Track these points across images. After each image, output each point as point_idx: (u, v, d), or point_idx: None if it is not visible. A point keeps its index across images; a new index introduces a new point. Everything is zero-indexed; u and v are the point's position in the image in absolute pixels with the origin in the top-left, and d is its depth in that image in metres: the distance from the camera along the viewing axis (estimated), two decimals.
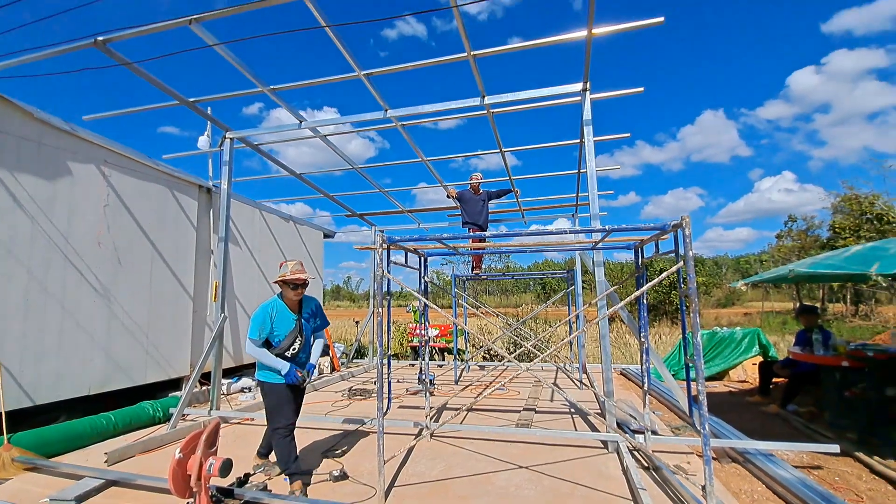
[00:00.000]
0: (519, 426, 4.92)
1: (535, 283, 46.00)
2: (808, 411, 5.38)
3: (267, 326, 3.38)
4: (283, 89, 5.35)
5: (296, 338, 3.49)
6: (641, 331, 4.32)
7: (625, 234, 4.30)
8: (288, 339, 3.45)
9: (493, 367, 9.75)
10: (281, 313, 3.45)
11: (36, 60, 4.22)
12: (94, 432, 4.43)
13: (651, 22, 4.19)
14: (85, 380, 5.15)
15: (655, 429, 4.44)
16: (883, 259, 3.77)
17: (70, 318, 5.02)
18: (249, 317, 7.81)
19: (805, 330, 5.79)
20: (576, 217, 9.76)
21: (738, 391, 7.05)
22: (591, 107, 4.76)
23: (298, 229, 9.77)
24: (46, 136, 4.89)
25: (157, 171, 6.21)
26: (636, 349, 12.41)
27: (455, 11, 3.86)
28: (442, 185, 8.28)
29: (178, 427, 4.78)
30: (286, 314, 3.47)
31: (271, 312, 3.41)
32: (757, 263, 40.86)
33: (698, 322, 2.88)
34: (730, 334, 8.13)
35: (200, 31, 4.13)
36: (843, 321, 20.00)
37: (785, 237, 27.45)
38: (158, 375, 6.07)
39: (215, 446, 3.13)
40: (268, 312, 3.40)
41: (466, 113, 5.74)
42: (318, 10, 3.93)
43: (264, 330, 3.37)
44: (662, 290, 23.72)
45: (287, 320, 3.46)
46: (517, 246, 5.80)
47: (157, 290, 6.13)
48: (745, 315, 26.93)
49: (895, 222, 17.94)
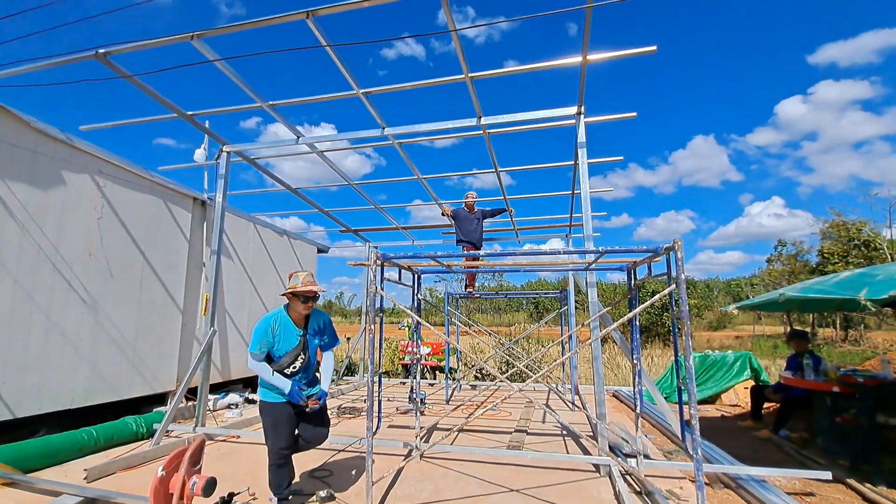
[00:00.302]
0: (510, 448, 4.85)
1: (528, 303, 46.00)
2: (800, 437, 5.37)
3: (269, 340, 3.13)
4: (282, 105, 5.40)
5: (297, 355, 3.22)
6: (634, 352, 4.31)
7: (618, 255, 4.33)
8: (289, 356, 3.19)
9: (484, 386, 9.66)
10: (284, 327, 3.20)
11: (37, 70, 4.25)
12: (75, 447, 4.31)
13: (644, 50, 4.31)
14: (68, 393, 5.03)
15: (648, 453, 4.40)
16: (871, 285, 3.82)
17: (56, 329, 4.93)
18: (239, 331, 7.79)
19: (796, 354, 5.81)
20: (569, 237, 9.83)
21: (731, 415, 7.02)
22: (585, 130, 4.84)
23: (292, 243, 9.74)
24: (42, 145, 4.88)
25: (152, 182, 6.20)
26: (628, 371, 12.37)
27: (454, 35, 3.95)
28: (437, 203, 8.32)
29: (161, 443, 4.66)
30: (290, 328, 3.21)
31: (273, 326, 3.16)
32: (748, 287, 41.20)
33: (690, 345, 2.89)
34: (721, 357, 8.14)
35: (202, 47, 4.18)
36: (833, 346, 20.12)
37: (775, 261, 27.81)
38: (143, 390, 5.95)
39: (199, 464, 3.05)
40: (269, 325, 3.15)
41: (463, 133, 5.81)
42: (319, 29, 3.99)
43: (265, 344, 3.13)
44: (654, 312, 23.81)
45: (290, 335, 3.20)
46: (511, 265, 5.82)
47: (147, 303, 6.04)
48: (737, 338, 27.02)
49: (882, 249, 18.23)
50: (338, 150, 6.95)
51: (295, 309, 3.21)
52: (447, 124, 5.35)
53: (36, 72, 4.30)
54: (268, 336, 3.13)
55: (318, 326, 3.37)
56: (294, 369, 3.22)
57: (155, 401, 6.16)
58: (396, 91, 5.22)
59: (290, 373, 3.21)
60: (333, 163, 6.84)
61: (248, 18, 3.95)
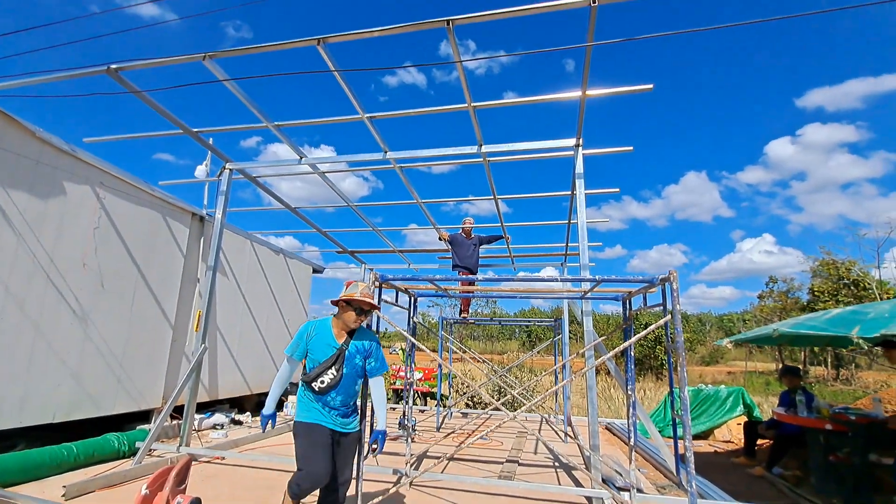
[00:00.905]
0: (501, 478, 4.76)
1: (521, 331, 45.71)
2: (793, 475, 5.31)
3: (302, 346, 2.90)
4: (287, 126, 5.50)
5: (327, 369, 2.84)
6: (628, 383, 4.30)
7: (614, 284, 4.37)
8: (319, 367, 2.84)
9: (475, 415, 9.51)
10: (321, 336, 2.91)
11: (51, 82, 4.33)
12: (54, 463, 4.17)
13: (641, 88, 4.47)
14: (51, 406, 4.90)
15: (641, 486, 4.33)
16: (863, 323, 3.87)
17: (43, 340, 4.84)
18: (229, 349, 7.68)
19: (789, 391, 5.81)
20: (564, 266, 9.90)
21: (724, 451, 6.94)
22: (583, 161, 4.97)
23: (288, 263, 9.72)
24: (45, 154, 4.91)
25: (152, 196, 6.22)
26: (621, 403, 12.24)
27: (458, 66, 4.09)
28: (435, 228, 8.39)
29: (143, 462, 4.53)
30: (326, 338, 2.91)
31: (310, 331, 2.92)
32: (740, 322, 41.31)
33: (685, 376, 2.90)
34: (714, 392, 8.10)
35: (213, 67, 4.29)
36: (825, 385, 20.09)
37: (767, 298, 28.01)
38: (128, 406, 5.80)
39: (185, 484, 2.99)
40: (307, 329, 2.93)
41: (464, 160, 5.93)
42: (328, 55, 4.12)
43: (298, 348, 2.90)
44: (648, 345, 23.74)
45: (325, 346, 2.89)
46: (507, 291, 5.83)
47: (138, 316, 5.97)
48: (729, 374, 26.90)
49: (871, 289, 18.46)
50: (338, 172, 7.04)
51: (344, 319, 2.91)
52: (448, 150, 5.46)
53: (49, 83, 4.38)
54: (302, 341, 2.91)
55: (362, 346, 2.98)
56: (322, 384, 2.83)
57: (139, 418, 6.01)
58: (398, 117, 5.35)
59: (318, 388, 2.83)
60: (334, 184, 6.92)
61: (255, 41, 4.10)
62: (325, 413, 2.86)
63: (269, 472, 4.74)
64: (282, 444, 6.00)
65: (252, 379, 8.24)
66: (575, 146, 4.98)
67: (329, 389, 2.84)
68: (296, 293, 9.97)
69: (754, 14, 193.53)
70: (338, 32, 3.87)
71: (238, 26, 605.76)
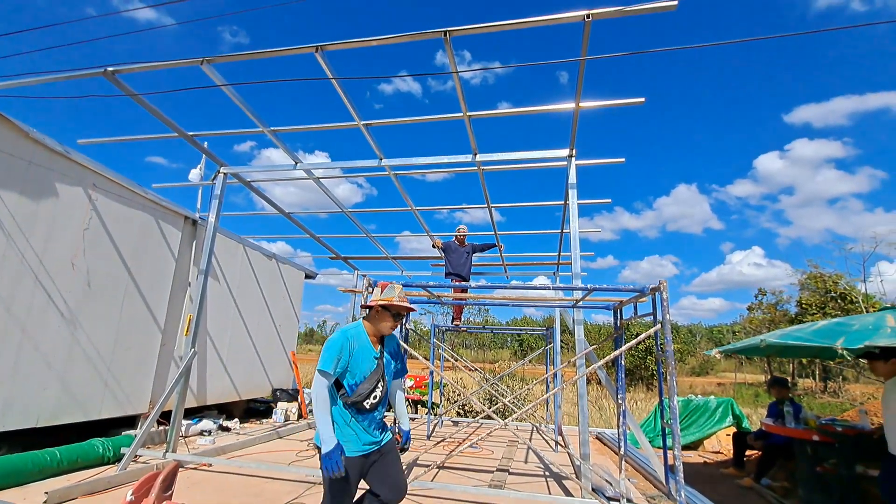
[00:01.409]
0: (492, 487, 4.74)
1: (513, 340, 45.70)
2: (781, 486, 5.34)
3: (344, 359, 2.41)
4: (283, 131, 5.52)
5: (377, 381, 2.50)
6: (619, 392, 4.32)
7: (605, 294, 4.42)
8: (368, 382, 2.45)
9: (466, 423, 9.47)
10: (363, 347, 2.51)
11: (46, 83, 4.31)
12: (36, 468, 4.10)
13: (633, 101, 4.55)
14: (35, 410, 4.81)
15: (630, 496, 4.34)
16: (848, 335, 3.93)
17: (30, 343, 4.77)
18: (219, 354, 7.60)
19: (777, 402, 5.87)
20: (557, 275, 9.95)
21: (713, 462, 6.97)
22: (576, 172, 5.03)
23: (280, 268, 9.68)
24: (38, 155, 4.88)
25: (145, 198, 6.19)
26: (612, 413, 12.25)
27: (455, 77, 4.14)
28: (428, 235, 8.41)
29: (128, 469, 4.46)
30: (368, 349, 2.53)
31: (352, 342, 2.46)
32: (730, 334, 41.64)
33: (675, 384, 2.93)
34: (704, 403, 8.15)
35: (211, 72, 4.31)
36: (813, 397, 20.26)
37: (756, 309, 28.28)
38: (114, 411, 5.71)
39: (171, 490, 2.95)
40: (347, 339, 2.45)
41: (458, 168, 5.97)
42: (326, 63, 4.15)
43: (340, 363, 2.39)
44: (638, 356, 23.82)
45: (367, 357, 2.51)
46: (500, 299, 5.86)
47: (127, 320, 5.90)
48: (719, 385, 27.05)
49: (857, 302, 18.73)
50: (332, 178, 7.06)
51: (379, 325, 2.58)
52: (444, 158, 5.51)
53: (45, 84, 4.37)
54: (344, 353, 2.41)
55: (393, 350, 2.72)
56: (374, 401, 2.48)
57: (125, 423, 5.91)
58: (393, 125, 5.39)
59: (370, 406, 2.46)
60: (329, 190, 6.93)
61: (251, 46, 4.17)
62: (368, 432, 2.48)
63: (256, 479, 4.69)
64: (269, 452, 5.94)
65: (241, 385, 8.16)
66: (568, 157, 5.04)
67: (378, 405, 2.53)
68: (288, 299, 9.92)
69: (746, 31, 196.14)
70: (333, 41, 3.92)
71: (235, 31, 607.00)
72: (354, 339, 2.49)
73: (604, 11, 3.47)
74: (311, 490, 4.38)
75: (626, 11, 3.45)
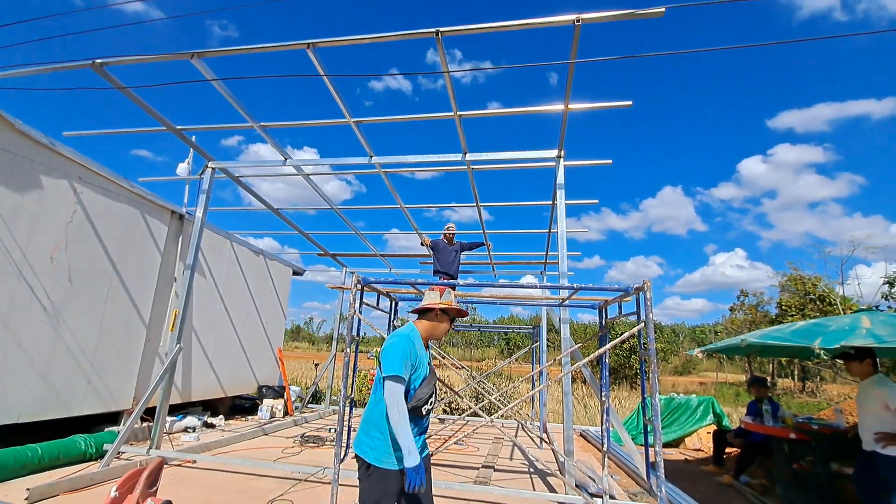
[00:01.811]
0: (477, 483, 4.79)
1: (500, 338, 45.95)
2: (759, 483, 5.49)
3: (412, 363, 2.26)
4: (272, 127, 5.49)
5: (434, 388, 2.39)
6: (603, 389, 4.40)
7: (591, 293, 4.49)
8: (426, 387, 2.31)
9: (451, 420, 9.53)
10: (422, 350, 2.38)
11: (34, 74, 4.24)
12: (17, 465, 4.04)
13: (620, 104, 4.63)
14: (16, 406, 4.73)
15: (613, 493, 4.42)
16: (825, 335, 4.06)
17: (12, 338, 4.69)
18: (204, 351, 7.54)
19: (756, 401, 6.02)
20: (544, 274, 10.05)
21: (693, 459, 7.12)
22: (564, 172, 5.09)
23: (268, 264, 9.61)
24: (23, 147, 4.79)
25: (131, 192, 6.10)
26: (596, 411, 12.42)
27: (446, 76, 4.17)
28: (417, 233, 8.43)
29: (111, 465, 4.42)
30: (424, 352, 2.40)
31: (415, 343, 2.35)
32: (712, 334, 42.37)
33: (657, 383, 3.00)
34: (686, 401, 8.31)
35: (200, 66, 4.27)
36: (792, 396, 20.75)
37: (737, 310, 28.85)
38: (97, 407, 5.64)
39: (156, 486, 2.94)
40: (413, 343, 2.32)
41: (448, 167, 6.00)
42: (318, 59, 4.15)
43: (410, 367, 2.24)
44: (623, 355, 24.14)
45: (424, 361, 2.37)
46: (488, 297, 5.91)
47: (111, 315, 5.82)
48: (701, 384, 27.53)
49: (836, 304, 19.21)
50: (321, 175, 7.03)
51: (435, 329, 2.50)
52: (434, 157, 5.54)
53: (33, 76, 4.29)
54: (413, 356, 2.27)
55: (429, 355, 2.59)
56: (431, 406, 2.36)
57: (108, 419, 5.85)
58: (383, 122, 5.40)
59: (426, 412, 2.34)
60: (318, 186, 6.91)
61: (241, 41, 4.13)
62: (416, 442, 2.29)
63: (241, 476, 4.68)
64: (254, 448, 5.92)
65: (227, 381, 8.10)
66: (557, 157, 5.11)
67: (431, 410, 2.40)
68: (275, 295, 9.86)
69: (732, 37, 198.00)
70: (325, 38, 3.91)
71: (224, 25, 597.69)
72: (416, 341, 2.37)
73: (594, 16, 3.52)
74: (297, 487, 4.39)
75: (616, 16, 3.51)
